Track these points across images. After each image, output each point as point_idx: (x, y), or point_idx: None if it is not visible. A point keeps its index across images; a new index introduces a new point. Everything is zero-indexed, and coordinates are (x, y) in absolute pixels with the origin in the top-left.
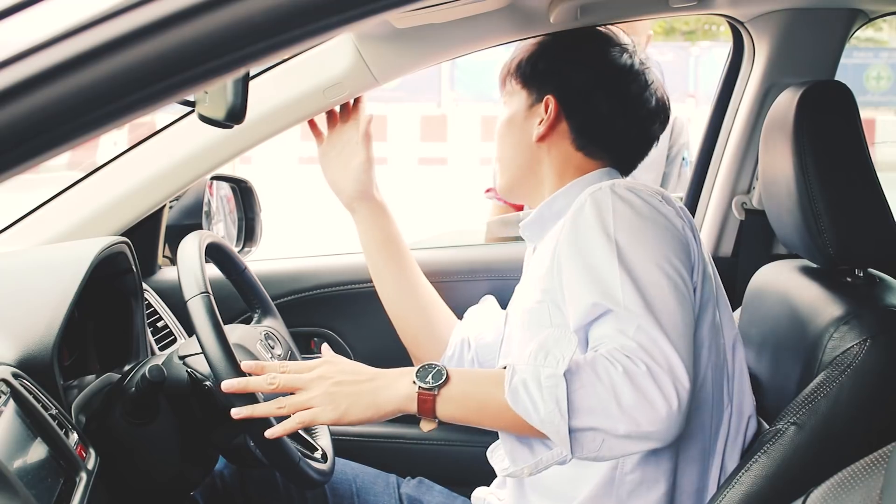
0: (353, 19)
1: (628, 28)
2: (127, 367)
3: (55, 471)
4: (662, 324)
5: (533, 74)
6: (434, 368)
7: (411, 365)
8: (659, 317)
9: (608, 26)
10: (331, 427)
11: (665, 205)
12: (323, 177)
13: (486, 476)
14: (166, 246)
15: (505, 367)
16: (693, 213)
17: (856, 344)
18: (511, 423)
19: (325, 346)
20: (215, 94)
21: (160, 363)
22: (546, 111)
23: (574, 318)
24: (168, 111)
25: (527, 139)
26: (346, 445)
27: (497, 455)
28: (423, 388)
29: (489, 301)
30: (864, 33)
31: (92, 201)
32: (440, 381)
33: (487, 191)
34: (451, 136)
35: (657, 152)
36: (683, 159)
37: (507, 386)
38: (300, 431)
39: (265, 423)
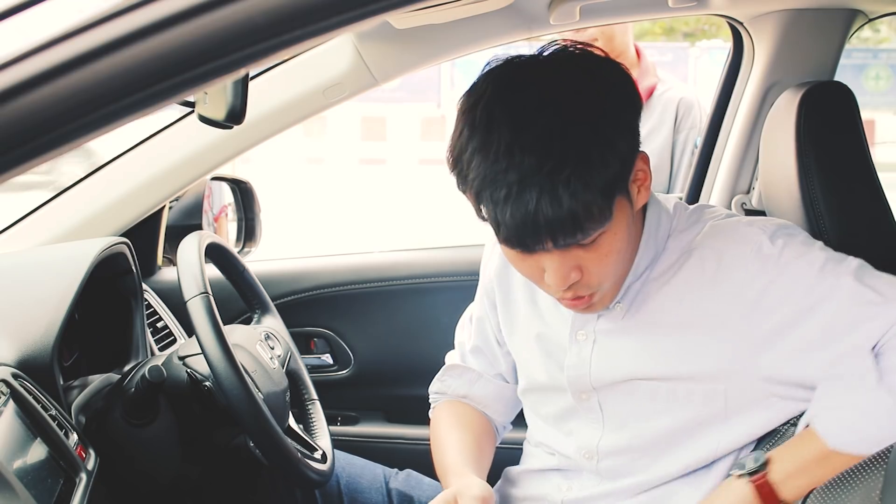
0: (353, 20)
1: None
2: (127, 368)
3: (55, 471)
4: None
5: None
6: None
7: (412, 364)
8: None
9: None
10: (330, 427)
11: None
12: None
13: None
14: (166, 246)
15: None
16: None
17: None
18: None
19: None
20: (215, 95)
21: (160, 363)
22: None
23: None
24: (168, 111)
25: (631, 222)
26: (340, 444)
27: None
28: (755, 475)
29: None
30: (863, 34)
31: (92, 201)
32: (762, 462)
33: None
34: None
35: (660, 147)
36: (695, 146)
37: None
38: (300, 431)
39: (265, 422)
